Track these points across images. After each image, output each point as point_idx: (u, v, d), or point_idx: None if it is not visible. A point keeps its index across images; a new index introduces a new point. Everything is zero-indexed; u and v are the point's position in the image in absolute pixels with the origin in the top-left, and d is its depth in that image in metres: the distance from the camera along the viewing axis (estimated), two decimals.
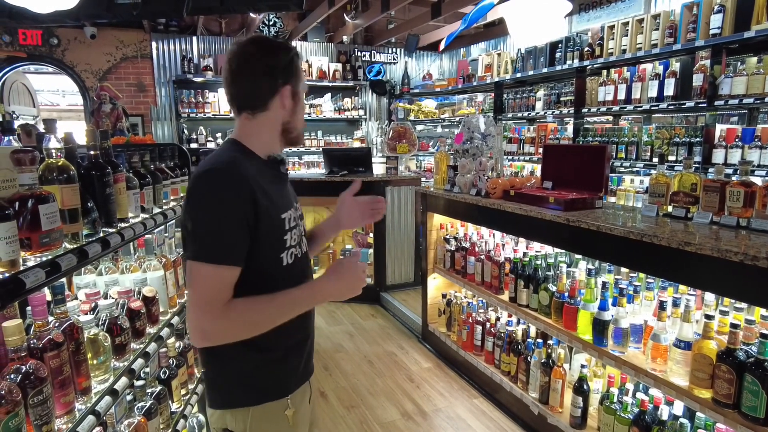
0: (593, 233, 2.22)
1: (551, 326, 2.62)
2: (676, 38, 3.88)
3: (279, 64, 1.22)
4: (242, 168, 1.15)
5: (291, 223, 1.24)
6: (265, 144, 1.27)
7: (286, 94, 1.25)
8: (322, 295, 1.22)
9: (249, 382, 1.23)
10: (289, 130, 1.28)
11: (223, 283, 1.10)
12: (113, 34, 6.47)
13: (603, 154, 2.61)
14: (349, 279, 1.20)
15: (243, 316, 1.11)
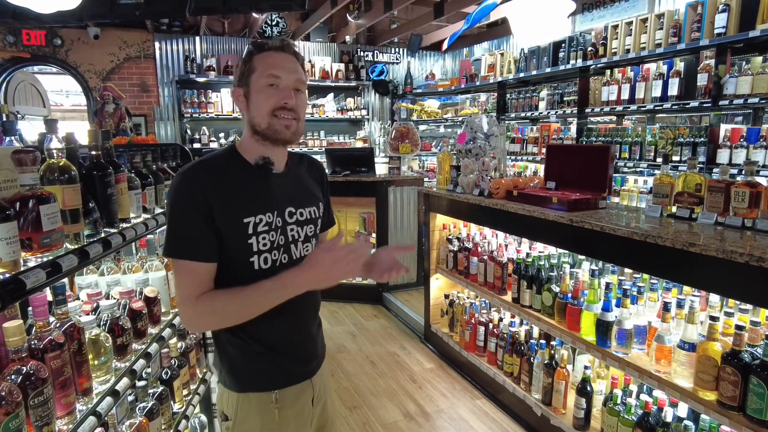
0: (597, 234, 2.21)
1: (554, 327, 2.61)
2: (681, 38, 3.86)
3: (237, 71, 1.28)
4: (201, 172, 1.21)
5: (261, 228, 1.24)
6: (248, 147, 1.30)
7: (236, 95, 1.28)
8: (293, 285, 1.17)
9: (235, 369, 1.29)
10: (254, 127, 1.26)
11: (191, 276, 1.18)
12: (116, 35, 6.48)
13: (607, 154, 2.59)
14: (321, 267, 1.15)
15: (212, 306, 1.18)
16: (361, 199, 5.00)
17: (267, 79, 1.23)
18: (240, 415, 1.29)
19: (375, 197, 4.90)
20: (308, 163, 1.47)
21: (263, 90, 1.23)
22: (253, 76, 1.24)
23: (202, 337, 2.36)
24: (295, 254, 1.31)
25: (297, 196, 1.35)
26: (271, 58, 1.25)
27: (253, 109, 1.25)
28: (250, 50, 1.26)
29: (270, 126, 1.24)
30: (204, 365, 2.36)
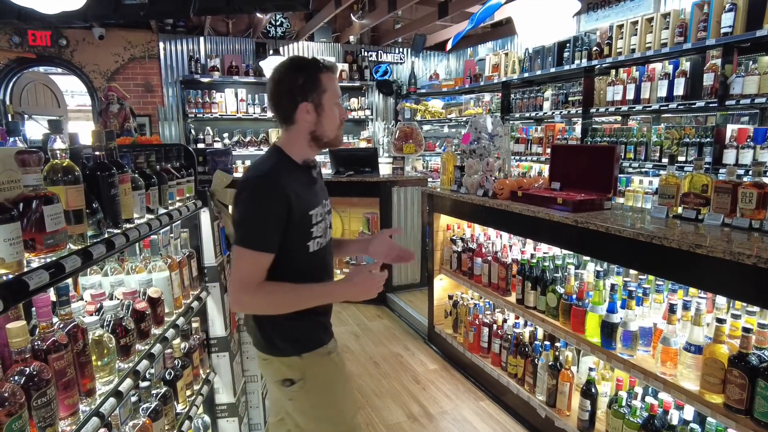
0: (602, 235, 2.19)
1: (559, 329, 2.60)
2: (687, 37, 3.83)
3: (296, 84, 1.44)
4: (280, 176, 1.42)
5: (318, 218, 1.50)
6: (299, 151, 1.52)
7: (305, 110, 1.46)
8: (338, 296, 1.49)
9: (294, 338, 1.51)
10: (319, 138, 1.50)
11: (257, 265, 1.39)
12: (121, 35, 6.50)
13: (612, 154, 2.58)
14: (363, 286, 1.44)
15: (269, 297, 1.41)
16: (365, 199, 4.99)
17: (336, 98, 1.50)
18: (310, 373, 1.52)
19: (379, 198, 4.89)
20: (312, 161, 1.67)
21: (334, 108, 1.49)
22: (325, 95, 1.46)
23: (205, 338, 2.36)
24: (328, 239, 1.60)
25: (324, 190, 1.64)
26: (334, 80, 1.50)
27: (325, 123, 1.49)
28: (316, 69, 1.46)
29: (337, 136, 1.53)
30: (207, 365, 2.36)
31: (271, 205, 1.37)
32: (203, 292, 2.27)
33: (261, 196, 1.38)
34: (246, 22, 7.35)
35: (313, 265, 1.53)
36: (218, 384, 2.43)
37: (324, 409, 1.58)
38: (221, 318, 2.39)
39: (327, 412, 1.58)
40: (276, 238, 1.40)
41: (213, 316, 2.39)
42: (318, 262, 1.55)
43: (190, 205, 2.08)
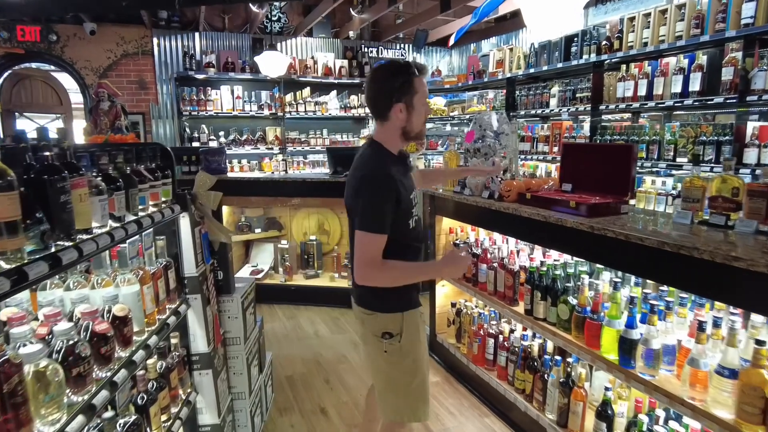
0: (621, 243, 1.99)
1: (571, 343, 2.39)
2: (704, 29, 3.62)
3: (393, 86, 1.71)
4: (390, 169, 1.72)
5: (416, 200, 1.84)
6: (393, 143, 1.82)
7: (399, 109, 1.73)
8: (439, 272, 2.19)
9: (401, 297, 1.82)
10: (408, 133, 1.79)
11: (379, 246, 1.66)
12: (113, 30, 6.31)
13: (629, 154, 2.37)
14: (458, 265, 1.78)
15: (391, 273, 1.71)
16: None
17: (424, 99, 1.78)
18: (407, 328, 1.81)
19: None
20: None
21: (422, 108, 1.78)
22: (416, 97, 1.74)
23: (186, 355, 2.16)
24: (420, 215, 1.91)
25: (413, 178, 1.93)
26: (424, 82, 1.76)
27: (414, 120, 1.77)
28: (412, 72, 1.72)
29: (422, 132, 1.84)
30: (189, 384, 2.16)
31: (387, 195, 1.66)
32: (182, 305, 2.07)
33: (378, 187, 1.66)
34: (242, 17, 7.15)
35: (412, 238, 1.82)
36: (201, 404, 2.23)
37: (410, 360, 1.84)
38: (204, 332, 2.20)
39: (411, 363, 1.85)
40: (388, 222, 1.67)
41: (194, 330, 2.19)
42: (415, 234, 1.83)
43: (167, 211, 1.89)
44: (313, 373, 3.48)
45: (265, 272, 4.98)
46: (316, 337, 4.07)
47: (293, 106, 6.94)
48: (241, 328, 2.48)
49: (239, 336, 2.49)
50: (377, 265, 1.66)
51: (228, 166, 6.19)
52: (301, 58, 7.13)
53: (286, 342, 3.99)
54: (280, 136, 7.02)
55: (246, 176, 5.01)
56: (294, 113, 6.95)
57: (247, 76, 6.74)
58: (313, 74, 7.04)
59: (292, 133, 7.10)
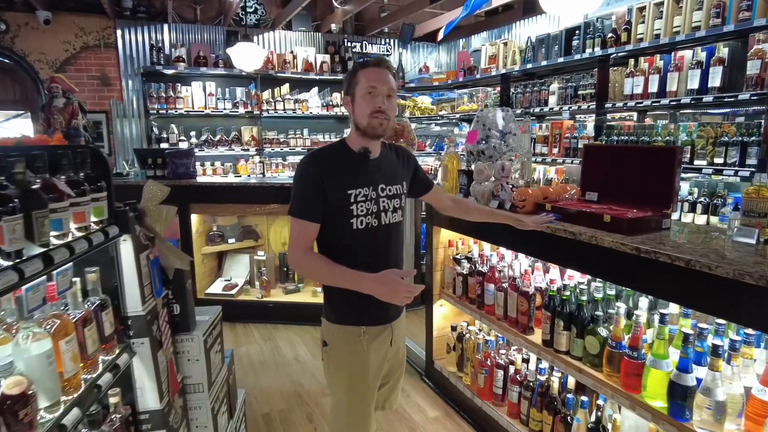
0: (678, 271, 1.59)
1: (602, 383, 2.00)
2: (725, 19, 3.28)
3: (347, 80, 1.70)
4: (320, 158, 1.67)
5: (359, 198, 1.64)
6: (354, 139, 1.71)
7: (346, 102, 1.71)
8: (364, 286, 1.57)
9: (336, 307, 1.71)
10: (357, 125, 1.67)
11: (302, 231, 1.63)
12: (71, 20, 5.75)
13: (673, 157, 1.99)
14: (387, 287, 1.53)
15: (310, 264, 1.65)
16: None
17: (367, 89, 1.62)
18: (335, 342, 1.72)
19: None
20: (395, 150, 1.87)
21: (364, 98, 1.63)
22: (357, 87, 1.64)
23: (131, 414, 1.70)
24: (384, 221, 1.70)
25: (387, 176, 1.75)
26: (371, 72, 1.63)
27: (357, 112, 1.66)
28: (357, 67, 1.67)
29: (369, 124, 1.64)
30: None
31: (307, 182, 1.61)
32: (124, 353, 1.61)
33: (300, 174, 1.65)
34: (215, 8, 6.64)
35: (358, 243, 1.66)
36: None
37: (344, 375, 1.72)
38: (154, 384, 1.74)
39: (347, 379, 1.72)
40: (314, 209, 1.61)
41: (142, 382, 1.73)
42: (363, 240, 1.67)
43: (97, 236, 1.42)
44: (293, 409, 3.03)
45: (240, 287, 4.50)
46: (297, 363, 3.61)
47: (271, 104, 6.46)
48: (204, 373, 2.03)
49: (202, 382, 2.03)
50: (300, 251, 1.62)
51: (199, 169, 5.69)
52: (279, 53, 6.65)
53: (262, 370, 3.52)
54: (256, 137, 6.53)
55: (217, 181, 4.53)
56: (272, 111, 6.47)
57: (221, 71, 6.24)
58: (292, 70, 6.56)
59: (269, 133, 6.62)
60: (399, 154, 1.87)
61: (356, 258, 1.64)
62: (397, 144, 1.93)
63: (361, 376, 1.72)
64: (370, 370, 1.72)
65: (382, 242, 1.72)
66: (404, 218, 1.82)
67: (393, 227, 1.74)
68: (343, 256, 1.64)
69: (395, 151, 1.86)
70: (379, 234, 1.70)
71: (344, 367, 1.73)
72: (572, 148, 4.48)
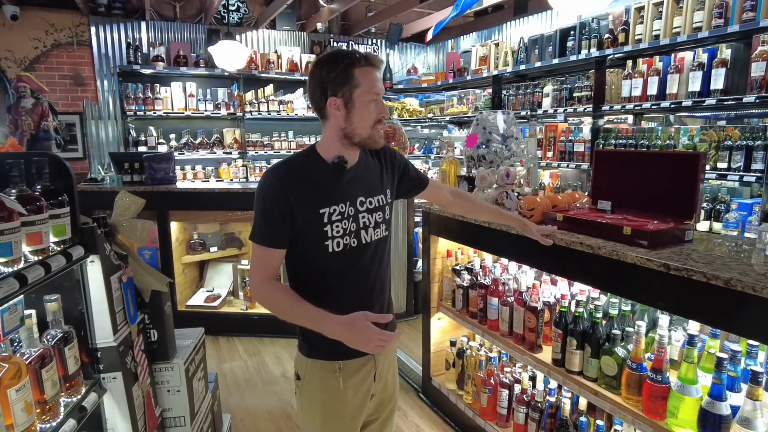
0: (712, 290, 1.45)
1: (621, 407, 1.85)
2: (728, 19, 3.19)
3: (327, 78, 1.40)
4: (286, 174, 1.42)
5: (334, 217, 1.42)
6: (330, 148, 1.47)
7: (335, 105, 1.41)
8: (328, 329, 1.34)
9: (308, 338, 1.49)
10: (350, 136, 1.43)
11: (264, 259, 1.42)
12: (41, 16, 5.44)
13: (696, 164, 1.84)
14: (356, 333, 1.31)
15: (271, 297, 1.42)
16: None
17: (371, 96, 1.41)
18: (308, 377, 1.51)
19: None
20: (376, 151, 1.59)
21: (368, 106, 1.41)
22: (357, 91, 1.39)
23: None
24: (364, 239, 1.49)
25: (367, 186, 1.52)
26: (372, 75, 1.41)
27: (355, 121, 1.42)
28: (351, 62, 1.38)
29: (371, 136, 1.45)
30: None
31: (269, 203, 1.38)
32: (92, 392, 1.40)
33: (261, 194, 1.40)
34: (196, 6, 6.38)
35: (335, 267, 1.45)
36: None
37: (318, 414, 1.52)
38: (128, 424, 1.53)
39: (320, 420, 1.52)
40: (279, 234, 1.40)
41: (114, 422, 1.52)
42: (340, 263, 1.46)
43: (56, 259, 1.21)
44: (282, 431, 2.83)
45: (223, 298, 4.27)
46: (285, 380, 3.40)
47: (254, 106, 6.23)
48: (186, 404, 1.82)
49: (184, 415, 1.82)
50: (260, 281, 1.41)
51: (179, 174, 5.44)
52: (263, 52, 6.42)
53: (248, 389, 3.30)
54: (239, 139, 6.29)
55: (198, 186, 4.30)
56: (255, 113, 6.23)
57: (202, 71, 5.98)
58: (276, 70, 6.34)
59: (253, 135, 6.38)
60: (381, 155, 1.61)
61: (333, 284, 1.46)
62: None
63: (338, 417, 1.52)
64: (348, 410, 1.51)
65: (364, 264, 1.50)
66: (390, 231, 1.59)
67: (376, 245, 1.52)
68: (317, 282, 1.45)
69: (375, 154, 1.61)
70: (360, 254, 1.48)
71: (318, 405, 1.51)
72: (567, 152, 4.37)
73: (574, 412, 2.21)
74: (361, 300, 1.48)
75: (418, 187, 1.77)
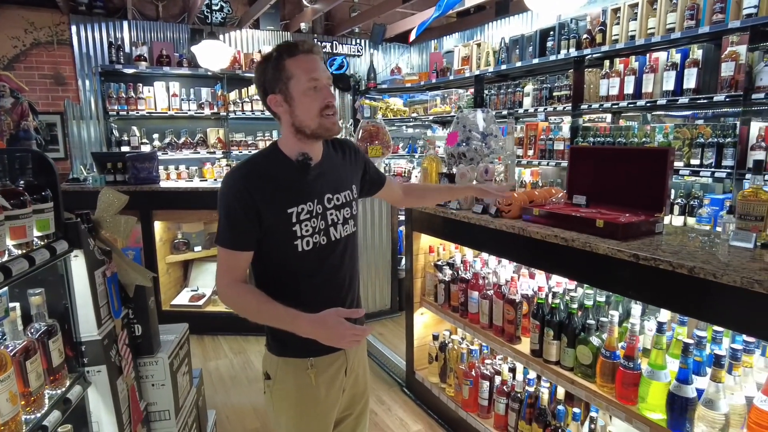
0: (679, 278, 1.52)
1: (596, 395, 1.92)
2: (700, 21, 3.29)
3: (263, 77, 1.40)
4: (249, 175, 1.38)
5: (302, 216, 1.40)
6: (290, 145, 1.44)
7: (275, 102, 1.40)
8: (299, 328, 1.33)
9: (278, 336, 1.46)
10: (301, 129, 1.40)
11: (230, 262, 1.38)
12: (19, 14, 5.37)
13: (665, 160, 1.92)
14: (328, 330, 1.29)
15: (237, 299, 1.37)
16: None
17: (308, 84, 1.35)
18: (279, 376, 1.48)
19: None
20: (340, 147, 1.58)
21: (307, 94, 1.36)
22: (292, 82, 1.36)
23: None
24: (333, 236, 1.47)
25: (334, 182, 1.49)
26: (305, 62, 1.36)
27: (299, 113, 1.38)
28: (280, 55, 1.36)
29: (321, 125, 1.39)
30: None
31: (233, 205, 1.35)
32: (76, 385, 1.42)
33: (224, 196, 1.37)
34: (179, 5, 6.35)
35: (305, 266, 1.43)
36: None
37: (291, 414, 1.50)
38: (113, 416, 1.55)
39: (293, 420, 1.50)
40: (245, 236, 1.37)
41: (98, 415, 1.54)
42: (311, 262, 1.43)
43: (40, 253, 1.23)
44: (268, 427, 2.85)
45: (208, 297, 4.27)
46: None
47: (238, 105, 6.22)
48: (171, 398, 1.84)
49: (168, 409, 1.84)
50: (226, 284, 1.38)
51: (162, 173, 5.41)
52: (246, 52, 6.42)
53: (233, 387, 3.32)
54: (223, 139, 6.28)
55: (182, 186, 4.29)
56: (239, 113, 6.23)
57: (185, 71, 5.96)
58: None
59: (237, 135, 6.37)
60: (345, 150, 1.60)
61: (304, 283, 1.44)
62: (340, 138, 1.62)
63: (312, 415, 1.50)
64: (321, 407, 1.50)
65: (334, 261, 1.48)
66: (357, 227, 1.58)
67: (345, 241, 1.51)
68: (288, 282, 1.43)
69: (340, 149, 1.58)
70: (330, 252, 1.47)
71: (291, 404, 1.48)
72: (548, 150, 4.46)
73: (552, 401, 2.28)
74: (333, 297, 1.47)
75: (376, 185, 1.75)
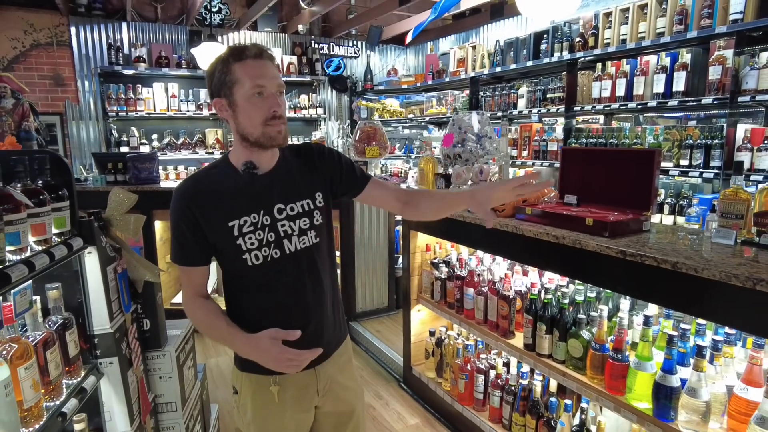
0: (663, 273, 1.60)
1: (587, 386, 2.00)
2: (688, 26, 3.39)
3: (210, 80, 1.33)
4: (189, 186, 1.35)
5: (245, 229, 1.33)
6: (238, 153, 1.38)
7: (219, 106, 1.34)
8: (240, 349, 1.34)
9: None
10: (245, 137, 1.33)
11: (185, 278, 1.37)
12: (19, 16, 5.42)
13: (651, 160, 2.01)
14: (262, 353, 1.28)
15: (196, 314, 1.36)
16: None
17: (253, 89, 1.27)
18: (243, 391, 1.43)
19: (338, 208, 4.17)
20: (303, 152, 1.48)
21: (251, 101, 1.28)
22: (236, 87, 1.28)
23: None
24: (288, 248, 1.37)
25: (287, 192, 1.39)
26: (252, 67, 1.28)
27: (242, 120, 1.31)
28: (227, 59, 1.29)
29: (264, 134, 1.30)
30: None
31: (177, 223, 1.33)
32: (90, 375, 1.49)
33: (171, 213, 1.35)
34: (178, 7, 6.41)
35: (260, 279, 1.36)
36: None
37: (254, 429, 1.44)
38: (124, 406, 1.62)
39: None
40: (192, 253, 1.34)
41: (110, 405, 1.60)
42: (266, 276, 1.36)
43: (59, 249, 1.30)
44: None
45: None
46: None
47: None
48: (178, 390, 1.91)
49: (175, 401, 1.91)
50: (186, 299, 1.38)
51: (162, 174, 5.47)
52: None
53: None
54: (221, 139, 6.34)
55: None
56: None
57: (184, 72, 6.02)
58: None
59: None
60: (308, 155, 1.47)
61: (264, 299, 1.36)
62: (302, 143, 1.52)
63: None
64: (287, 425, 1.42)
65: (294, 274, 1.37)
66: (323, 237, 1.44)
67: (305, 253, 1.39)
68: (247, 296, 1.37)
69: (302, 155, 1.47)
70: (286, 265, 1.36)
71: (253, 420, 1.42)
72: (541, 151, 4.55)
73: (545, 393, 2.36)
74: (297, 314, 1.39)
75: (355, 187, 1.54)
